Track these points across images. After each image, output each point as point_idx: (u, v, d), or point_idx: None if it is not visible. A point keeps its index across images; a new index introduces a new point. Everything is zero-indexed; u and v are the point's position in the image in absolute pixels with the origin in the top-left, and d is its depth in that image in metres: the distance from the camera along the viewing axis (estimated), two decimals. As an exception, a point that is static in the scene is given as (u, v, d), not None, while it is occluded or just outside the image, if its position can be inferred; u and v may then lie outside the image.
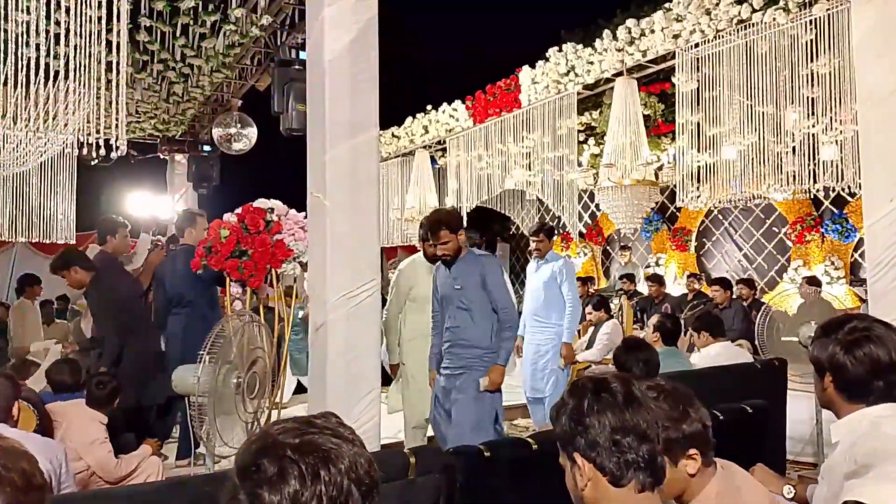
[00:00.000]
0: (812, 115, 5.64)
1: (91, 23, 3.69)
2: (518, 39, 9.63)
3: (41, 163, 6.47)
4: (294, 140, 5.95)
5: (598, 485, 1.36)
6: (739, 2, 5.69)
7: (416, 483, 2.15)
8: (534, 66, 7.97)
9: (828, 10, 5.31)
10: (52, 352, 5.29)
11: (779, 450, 3.80)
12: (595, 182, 8.07)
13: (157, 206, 10.09)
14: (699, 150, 6.41)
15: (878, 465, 1.58)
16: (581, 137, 8.47)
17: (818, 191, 5.98)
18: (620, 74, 7.05)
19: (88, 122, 3.99)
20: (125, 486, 3.12)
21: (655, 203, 9.04)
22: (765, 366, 4.41)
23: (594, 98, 8.10)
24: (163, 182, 10.54)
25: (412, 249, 10.62)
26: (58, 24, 3.70)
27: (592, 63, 7.18)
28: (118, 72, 3.85)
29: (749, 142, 6.06)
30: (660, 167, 8.14)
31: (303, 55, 6.17)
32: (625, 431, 1.34)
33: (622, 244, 11.52)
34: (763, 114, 5.93)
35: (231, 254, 4.25)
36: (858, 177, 4.42)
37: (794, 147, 5.90)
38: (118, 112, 3.89)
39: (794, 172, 5.96)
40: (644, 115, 7.30)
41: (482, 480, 2.32)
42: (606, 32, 6.90)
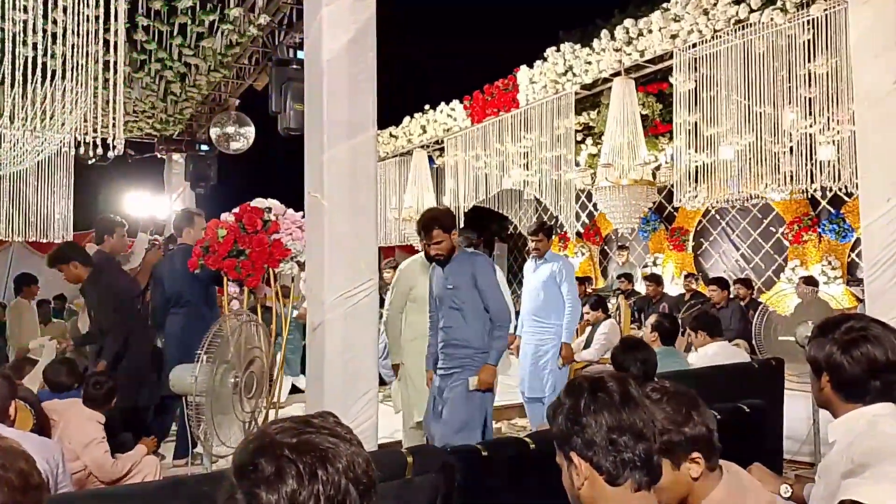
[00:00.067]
0: (809, 116, 5.65)
1: (88, 22, 3.69)
2: (516, 39, 9.61)
3: (38, 162, 6.47)
4: (292, 140, 5.95)
5: (595, 484, 1.37)
6: (737, 2, 5.71)
7: (414, 482, 2.15)
8: (532, 66, 7.98)
9: (825, 11, 5.32)
10: (48, 348, 5.27)
11: (776, 449, 3.81)
12: (593, 182, 8.07)
13: (155, 206, 10.07)
14: (697, 150, 6.42)
15: (875, 465, 1.58)
16: (579, 137, 8.47)
17: (815, 191, 5.99)
18: (618, 74, 7.05)
19: (86, 122, 3.99)
20: (123, 486, 3.12)
21: (653, 203, 9.04)
22: (762, 365, 4.42)
23: (592, 98, 8.11)
24: (160, 181, 10.52)
25: (410, 249, 10.63)
26: (55, 23, 3.69)
27: (590, 63, 7.18)
28: (116, 71, 3.84)
29: (746, 142, 6.07)
30: (657, 167, 8.14)
31: (301, 55, 6.16)
32: (621, 431, 1.35)
33: (620, 244, 11.53)
34: (760, 114, 5.94)
35: (228, 253, 4.24)
36: (855, 177, 4.43)
37: (792, 147, 5.91)
38: (115, 111, 3.88)
39: (792, 172, 5.97)
40: (642, 115, 7.31)
41: (480, 480, 2.33)
42: (604, 32, 6.90)
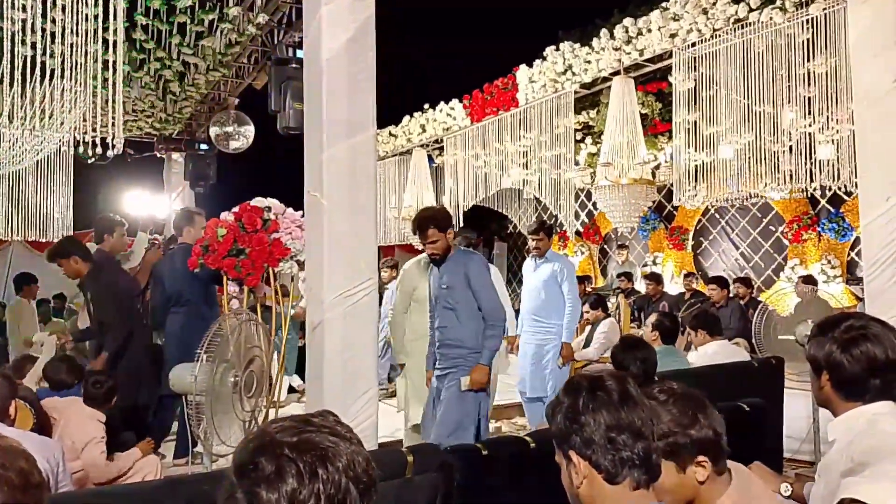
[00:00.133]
0: (809, 115, 5.66)
1: (87, 21, 3.68)
2: (516, 38, 9.61)
3: (38, 161, 6.46)
4: (291, 139, 5.93)
5: (594, 482, 1.37)
6: (736, 1, 5.71)
7: (414, 481, 2.15)
8: (531, 65, 7.97)
9: (824, 10, 5.33)
10: (48, 344, 5.26)
11: (776, 448, 3.81)
12: (592, 181, 8.08)
13: (154, 205, 10.07)
14: (696, 149, 6.42)
15: (875, 463, 1.58)
16: (578, 136, 8.47)
17: (815, 189, 6.00)
18: (618, 73, 7.06)
19: (85, 121, 3.99)
20: (123, 485, 3.12)
21: (652, 202, 9.04)
22: (762, 364, 4.43)
23: (591, 97, 8.11)
24: (160, 181, 10.51)
25: (410, 248, 10.62)
26: (54, 23, 3.69)
27: (590, 62, 7.18)
28: (115, 70, 3.84)
29: (746, 141, 6.08)
30: (657, 166, 8.14)
31: (300, 54, 6.15)
32: (620, 429, 1.35)
33: (619, 243, 11.52)
34: (760, 113, 5.95)
35: (228, 252, 4.24)
36: (855, 176, 4.44)
37: (791, 146, 5.92)
38: (115, 110, 3.88)
39: (791, 171, 5.97)
40: (641, 114, 7.31)
41: (480, 479, 2.33)
42: (604, 31, 6.90)
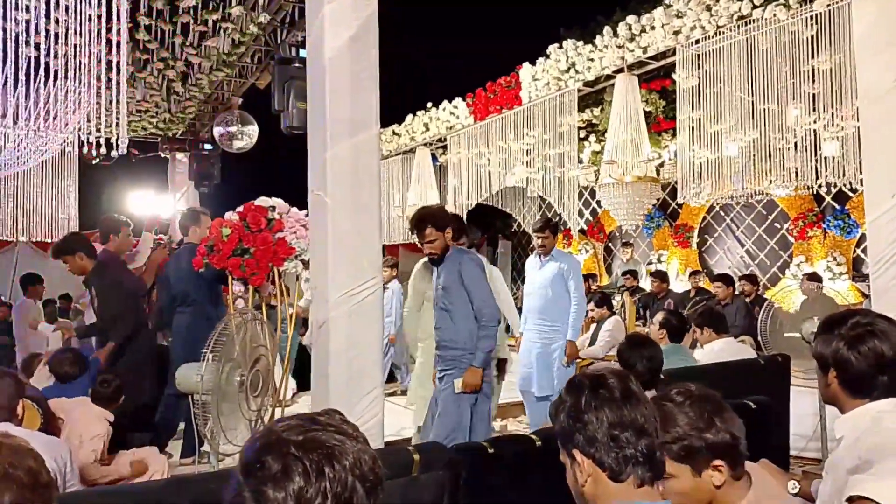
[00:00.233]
0: (813, 111, 5.63)
1: (91, 21, 3.69)
2: (519, 37, 9.59)
3: (43, 162, 6.49)
4: (295, 138, 5.94)
5: (598, 480, 1.37)
6: (740, -3, 5.68)
7: (420, 480, 2.15)
8: (534, 63, 7.96)
9: (828, 6, 5.30)
10: (54, 339, 5.29)
11: (782, 445, 3.80)
12: (596, 179, 8.06)
13: (159, 205, 10.09)
14: (700, 147, 6.40)
15: (881, 461, 1.57)
16: (582, 134, 8.45)
17: (820, 187, 5.98)
18: (621, 71, 7.04)
19: (89, 121, 4.00)
20: (131, 485, 3.13)
21: (657, 200, 9.04)
22: (768, 362, 4.42)
23: (595, 95, 8.09)
24: (164, 181, 10.54)
25: (413, 247, 10.62)
26: (57, 23, 3.70)
27: (593, 60, 7.16)
28: (119, 71, 3.85)
29: (750, 138, 6.05)
30: (661, 164, 8.13)
31: (303, 53, 6.16)
32: (623, 426, 1.35)
33: (624, 241, 11.51)
34: (764, 110, 5.92)
35: (233, 252, 4.25)
36: (860, 172, 4.41)
37: (796, 143, 5.89)
38: (119, 111, 3.89)
39: (796, 168, 5.95)
40: (645, 112, 7.30)
41: (486, 477, 2.33)
42: (607, 29, 6.88)
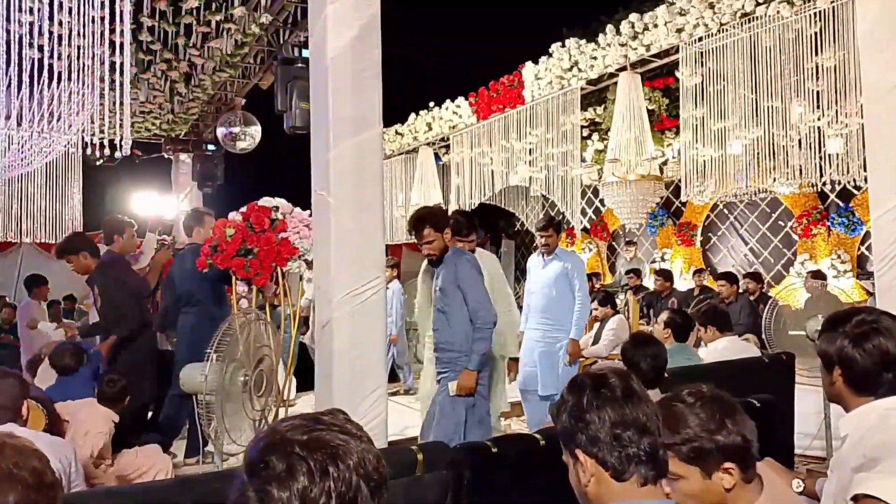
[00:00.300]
0: (817, 109, 5.62)
1: (94, 23, 3.70)
2: (521, 36, 9.59)
3: (47, 163, 6.51)
4: (298, 138, 5.95)
5: (602, 480, 1.37)
6: (743, -5, 5.67)
7: (424, 479, 2.16)
8: (537, 62, 7.96)
9: (832, 3, 5.29)
10: (56, 337, 5.32)
11: (787, 444, 3.79)
12: (600, 177, 8.06)
13: (163, 206, 10.11)
14: (704, 145, 6.39)
15: (887, 459, 1.57)
16: (585, 133, 8.44)
17: (824, 184, 5.96)
18: (624, 69, 7.03)
19: (93, 123, 4.01)
20: (135, 485, 3.14)
21: (660, 198, 9.04)
22: (772, 360, 4.41)
23: (598, 93, 8.08)
24: (168, 181, 10.58)
25: (416, 247, 10.63)
26: (61, 25, 3.71)
27: (596, 58, 7.16)
28: (122, 72, 3.86)
29: (754, 136, 6.04)
30: (664, 162, 8.12)
31: (306, 53, 6.16)
32: (625, 425, 1.35)
33: (627, 239, 11.49)
34: (768, 107, 5.91)
35: (237, 252, 4.26)
36: (864, 170, 4.40)
37: (800, 140, 5.88)
38: (122, 112, 3.90)
39: (800, 166, 5.93)
40: (648, 110, 7.28)
41: (490, 476, 2.32)
42: (610, 27, 6.88)
